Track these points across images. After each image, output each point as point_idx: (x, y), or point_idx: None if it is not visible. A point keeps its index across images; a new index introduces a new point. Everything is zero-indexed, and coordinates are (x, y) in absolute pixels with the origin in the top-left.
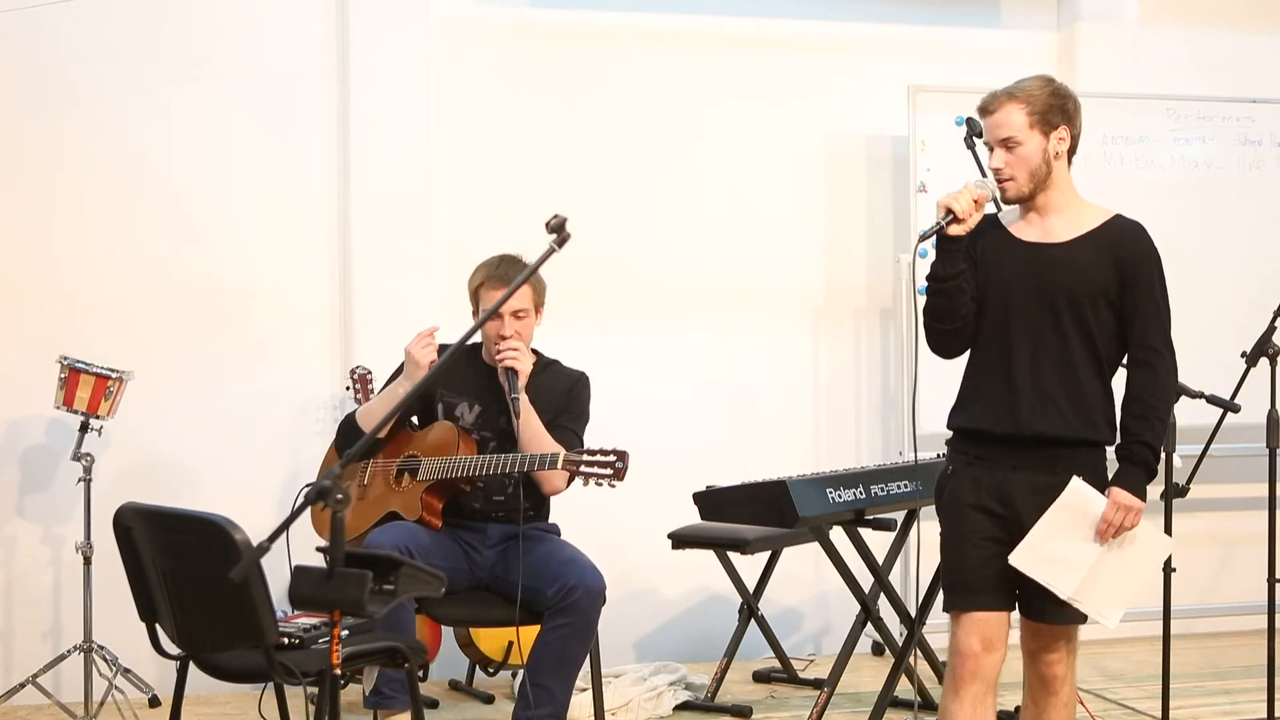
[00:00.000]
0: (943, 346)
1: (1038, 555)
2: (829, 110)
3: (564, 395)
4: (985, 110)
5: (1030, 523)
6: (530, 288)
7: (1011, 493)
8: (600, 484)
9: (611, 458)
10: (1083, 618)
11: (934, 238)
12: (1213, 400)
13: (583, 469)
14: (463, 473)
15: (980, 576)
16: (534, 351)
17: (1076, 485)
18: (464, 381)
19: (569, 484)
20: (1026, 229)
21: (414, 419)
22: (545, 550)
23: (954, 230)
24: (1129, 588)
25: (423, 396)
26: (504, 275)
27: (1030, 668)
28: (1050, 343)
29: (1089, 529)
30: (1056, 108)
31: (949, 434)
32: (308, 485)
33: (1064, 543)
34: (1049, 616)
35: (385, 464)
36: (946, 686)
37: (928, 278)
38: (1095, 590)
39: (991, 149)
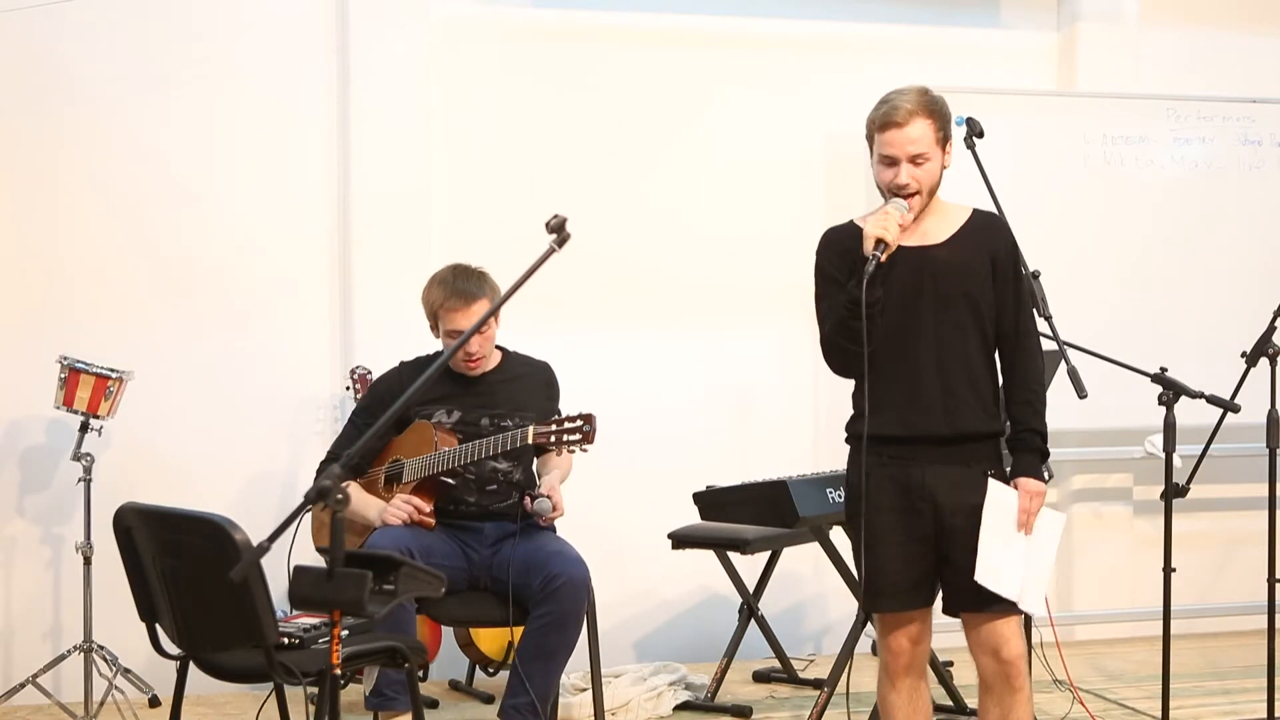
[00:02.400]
0: (851, 369)
1: (991, 568)
2: (829, 110)
3: (544, 389)
4: (893, 123)
5: (951, 516)
6: (489, 300)
7: (931, 488)
8: (574, 450)
9: (579, 422)
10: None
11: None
12: (1213, 400)
13: (553, 439)
14: (444, 465)
15: (906, 579)
16: (499, 349)
17: (993, 485)
18: (438, 394)
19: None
20: (902, 234)
21: None
22: (533, 544)
23: (885, 257)
24: (1045, 573)
25: (397, 423)
26: (462, 292)
27: (991, 666)
28: (950, 342)
29: (1010, 525)
30: (948, 120)
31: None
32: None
33: (1000, 546)
34: (995, 607)
35: (372, 474)
36: (882, 679)
37: (848, 304)
38: (1028, 584)
39: (891, 163)
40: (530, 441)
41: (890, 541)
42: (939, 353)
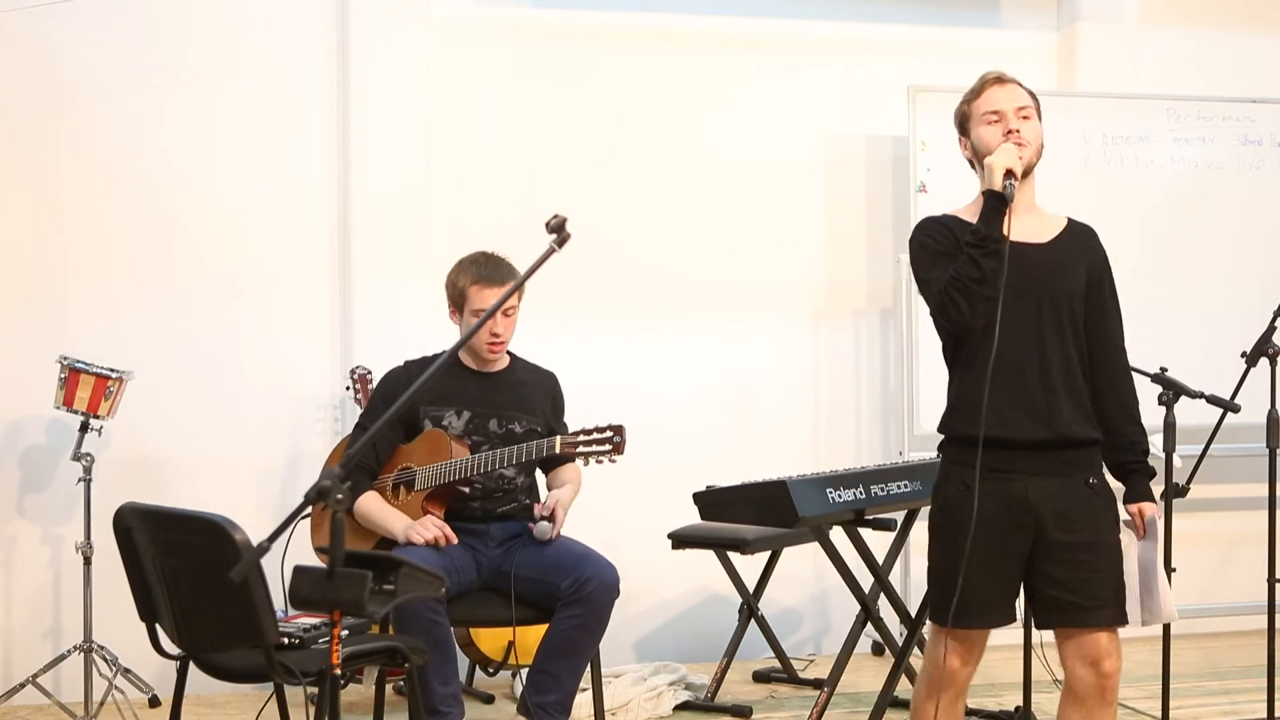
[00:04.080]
0: (976, 311)
1: (1160, 605)
2: (829, 110)
3: (550, 397)
4: (996, 81)
5: (1053, 531)
6: None
7: (1034, 501)
8: (601, 461)
9: (608, 433)
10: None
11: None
12: (1213, 400)
13: (580, 449)
14: (460, 474)
15: (996, 596)
16: (507, 352)
17: (1126, 535)
18: (448, 390)
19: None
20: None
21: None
22: (557, 545)
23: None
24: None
25: (404, 419)
26: (492, 275)
27: (1089, 678)
28: (1052, 344)
29: (1147, 558)
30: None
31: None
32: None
33: (1152, 582)
34: (1094, 619)
35: (380, 482)
36: (922, 691)
37: (978, 241)
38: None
39: (996, 119)
40: (557, 452)
41: (984, 556)
42: (1040, 354)
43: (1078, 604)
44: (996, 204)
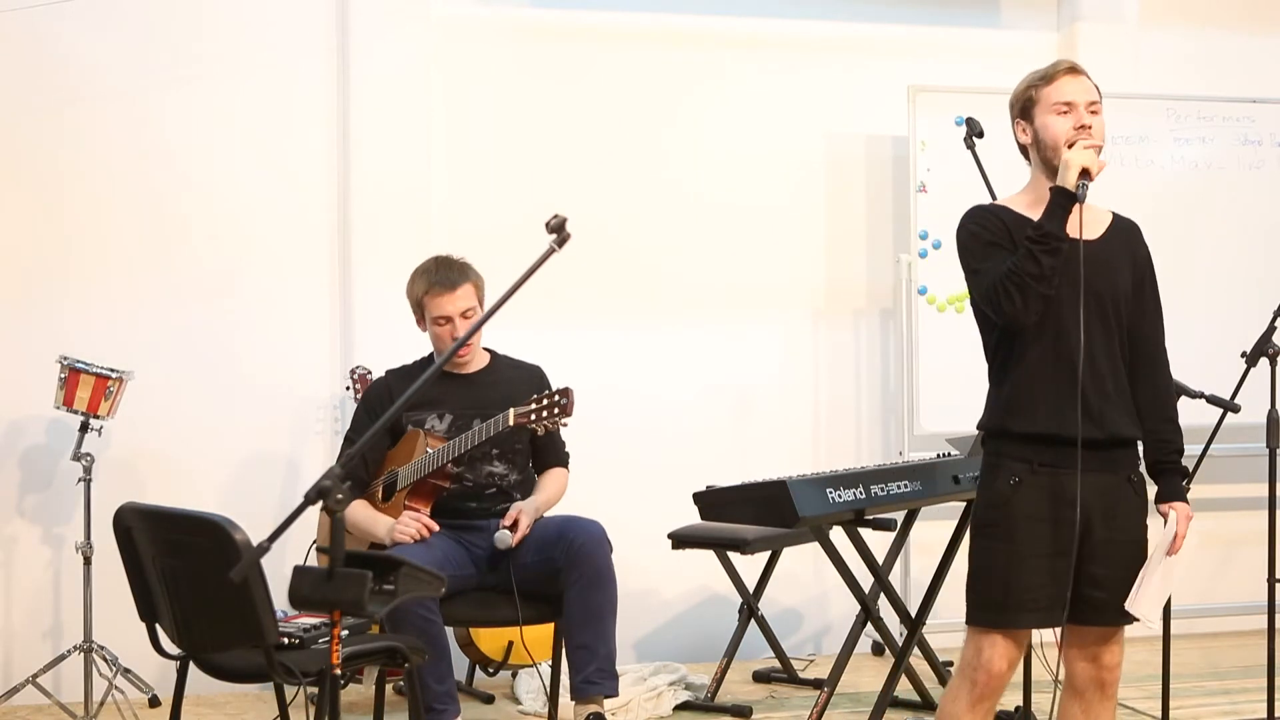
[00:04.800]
0: (1030, 310)
1: (1145, 597)
2: (829, 110)
3: (537, 391)
4: (1069, 70)
5: (1099, 528)
6: (473, 285)
7: (1085, 497)
8: (556, 424)
9: (556, 397)
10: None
11: (1054, 193)
12: (1213, 400)
13: (533, 418)
14: (434, 465)
15: (1049, 594)
16: (487, 350)
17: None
18: (429, 395)
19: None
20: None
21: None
22: (539, 527)
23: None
24: (1168, 587)
25: (390, 429)
26: (443, 281)
27: (1089, 671)
28: (1101, 341)
29: (1161, 551)
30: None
31: (962, 433)
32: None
33: (1155, 576)
34: (1118, 619)
35: (372, 489)
36: (960, 694)
37: (1039, 237)
38: (1155, 604)
39: (1067, 111)
40: (511, 424)
41: (1037, 554)
42: (1091, 351)
43: (1111, 603)
44: (1065, 202)
